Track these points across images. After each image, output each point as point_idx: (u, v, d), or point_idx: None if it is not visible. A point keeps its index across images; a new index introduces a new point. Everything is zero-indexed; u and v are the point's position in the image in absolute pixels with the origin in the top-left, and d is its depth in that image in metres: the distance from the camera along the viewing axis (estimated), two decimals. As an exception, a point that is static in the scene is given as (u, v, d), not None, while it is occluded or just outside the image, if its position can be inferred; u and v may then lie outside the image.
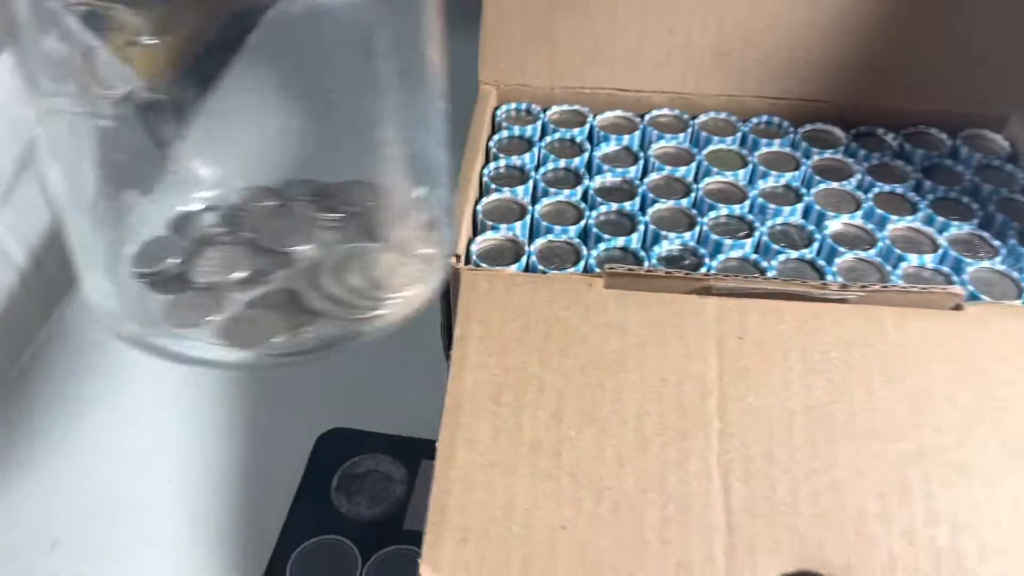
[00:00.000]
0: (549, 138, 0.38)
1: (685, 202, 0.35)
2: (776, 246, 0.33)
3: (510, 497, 0.26)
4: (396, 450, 0.36)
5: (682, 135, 0.38)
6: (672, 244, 0.33)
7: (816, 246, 0.33)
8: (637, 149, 0.38)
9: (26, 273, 0.53)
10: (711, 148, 0.38)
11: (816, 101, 0.40)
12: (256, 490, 0.35)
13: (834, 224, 0.34)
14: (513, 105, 0.40)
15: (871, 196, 0.35)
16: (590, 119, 0.39)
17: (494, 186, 0.35)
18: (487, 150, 0.38)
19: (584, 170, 0.37)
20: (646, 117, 0.39)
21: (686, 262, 0.32)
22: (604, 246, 0.33)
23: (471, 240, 0.33)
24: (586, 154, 0.37)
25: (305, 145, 0.29)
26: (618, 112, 0.39)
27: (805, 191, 0.35)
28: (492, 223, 0.33)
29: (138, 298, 0.25)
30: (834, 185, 0.35)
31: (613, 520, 0.26)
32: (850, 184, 0.35)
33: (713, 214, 0.34)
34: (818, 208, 0.34)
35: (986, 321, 0.29)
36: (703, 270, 0.32)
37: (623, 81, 0.40)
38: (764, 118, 0.39)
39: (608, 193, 0.35)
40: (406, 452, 0.36)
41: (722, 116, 0.39)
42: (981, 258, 0.32)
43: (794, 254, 0.32)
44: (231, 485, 0.35)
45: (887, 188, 0.35)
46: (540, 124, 0.39)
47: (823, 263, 0.32)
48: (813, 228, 0.34)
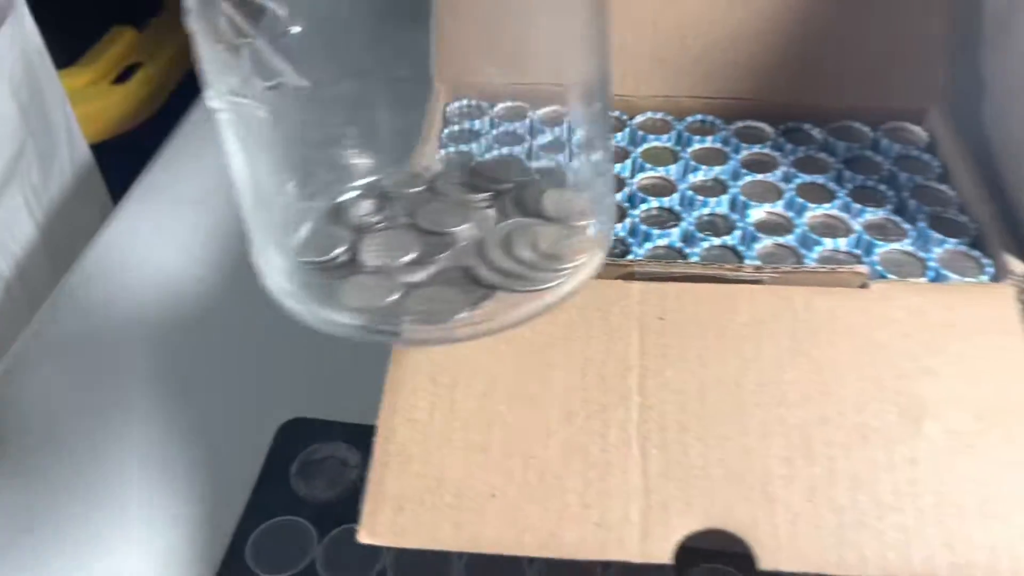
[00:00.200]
0: (495, 131, 0.40)
1: (620, 196, 0.37)
2: (701, 234, 0.35)
3: (444, 469, 0.28)
4: (353, 437, 0.38)
5: (620, 134, 0.40)
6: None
7: (739, 233, 0.35)
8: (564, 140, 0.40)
9: (9, 281, 0.55)
10: (646, 146, 0.40)
11: (748, 100, 0.42)
12: (220, 478, 0.37)
13: (757, 213, 0.36)
14: (464, 101, 0.42)
15: (793, 186, 0.37)
16: (531, 114, 0.41)
17: (439, 184, 0.37)
18: (440, 142, 0.40)
19: (526, 158, 0.39)
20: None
21: (616, 251, 0.35)
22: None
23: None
24: (526, 144, 0.39)
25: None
26: (555, 107, 0.42)
27: (732, 183, 0.37)
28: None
29: (316, 282, 0.27)
30: (759, 177, 0.38)
31: (539, 487, 0.28)
32: (775, 176, 0.38)
33: (644, 207, 0.36)
34: (743, 199, 0.36)
35: (889, 298, 0.31)
36: (629, 257, 0.34)
37: (560, 76, 0.42)
38: (698, 117, 0.41)
39: (547, 189, 0.38)
40: (363, 439, 0.38)
41: (659, 116, 0.41)
42: (891, 240, 0.34)
43: (717, 241, 0.35)
44: (197, 474, 0.37)
45: (809, 179, 0.37)
46: (487, 119, 0.41)
47: (743, 249, 0.34)
48: (737, 217, 0.36)
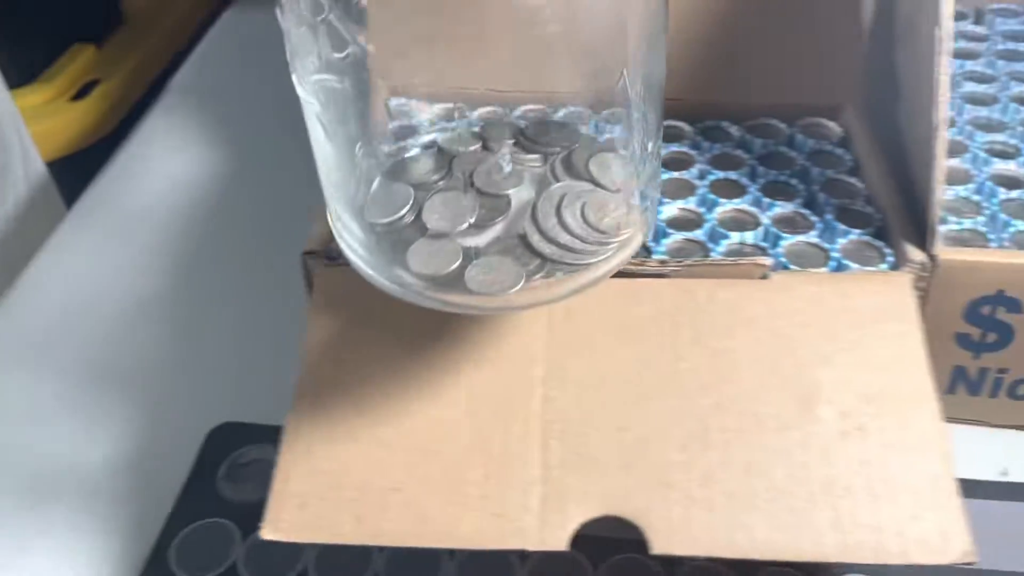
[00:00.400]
0: (426, 138, 0.41)
1: (539, 196, 0.38)
2: (614, 231, 0.36)
3: (348, 465, 0.29)
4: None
5: (544, 136, 0.41)
6: (519, 234, 0.36)
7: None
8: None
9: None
10: (568, 146, 0.40)
11: (670, 100, 0.42)
12: (148, 484, 0.37)
13: (669, 210, 0.36)
14: (403, 99, 0.43)
15: (707, 183, 0.37)
16: (468, 115, 0.42)
17: (361, 189, 0.38)
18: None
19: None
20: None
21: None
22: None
23: (332, 238, 0.35)
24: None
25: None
26: (491, 108, 0.42)
27: (649, 181, 0.38)
28: (354, 222, 0.36)
29: (385, 246, 0.27)
30: (675, 175, 0.38)
31: (440, 480, 0.28)
32: (690, 174, 0.38)
33: (561, 205, 0.37)
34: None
35: (788, 288, 0.32)
36: (541, 255, 0.35)
37: (499, 83, 0.43)
38: (621, 117, 0.42)
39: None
40: (293, 442, 0.38)
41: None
42: (798, 233, 0.35)
43: (628, 237, 0.35)
44: (124, 481, 0.38)
45: (722, 175, 0.38)
46: (425, 119, 0.42)
47: (653, 244, 0.35)
48: (651, 214, 0.36)
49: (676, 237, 0.35)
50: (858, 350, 0.30)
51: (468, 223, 0.26)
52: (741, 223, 0.36)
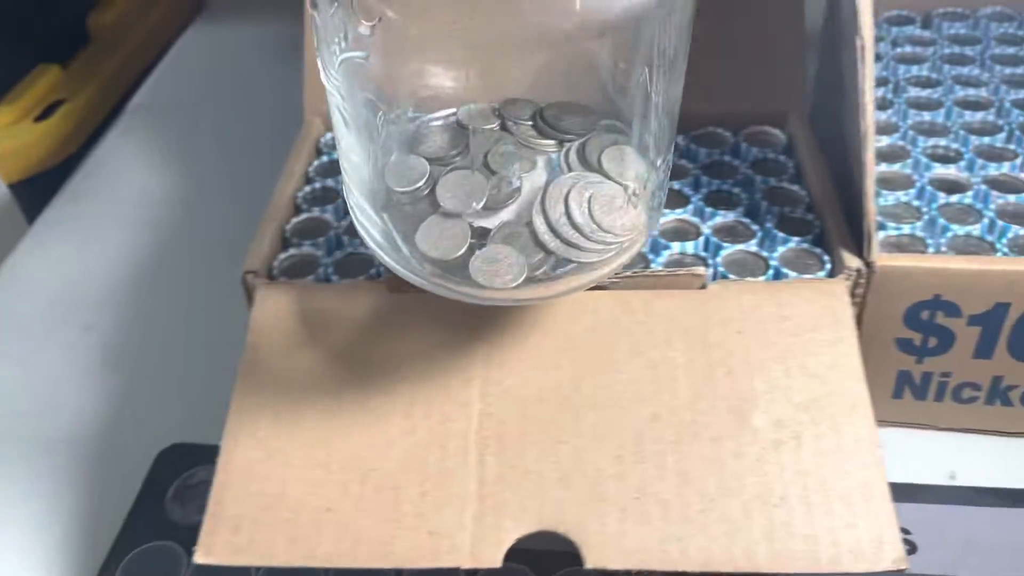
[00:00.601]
0: (366, 160, 0.41)
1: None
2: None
3: (283, 487, 0.29)
4: (233, 460, 0.38)
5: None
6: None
7: (593, 242, 0.36)
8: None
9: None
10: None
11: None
12: (95, 508, 0.37)
13: (612, 221, 0.37)
14: (337, 132, 0.43)
15: (651, 193, 0.38)
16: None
17: (305, 207, 0.38)
18: (306, 175, 0.40)
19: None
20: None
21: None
22: (397, 255, 0.36)
23: (274, 257, 0.35)
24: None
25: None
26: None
27: (594, 193, 0.38)
28: (297, 240, 0.36)
29: (399, 220, 0.27)
30: (620, 185, 0.38)
31: (375, 499, 0.28)
32: (635, 184, 0.38)
33: (505, 219, 0.37)
34: (602, 207, 0.37)
35: (725, 298, 0.32)
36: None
37: (432, 107, 0.43)
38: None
39: (412, 207, 0.38)
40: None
41: (530, 129, 0.42)
42: (738, 242, 0.35)
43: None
44: (71, 506, 0.38)
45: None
46: (360, 148, 0.42)
47: (594, 256, 0.35)
48: (595, 226, 0.36)
49: (617, 249, 0.35)
50: (792, 358, 0.30)
51: (479, 205, 0.26)
52: (682, 233, 0.36)
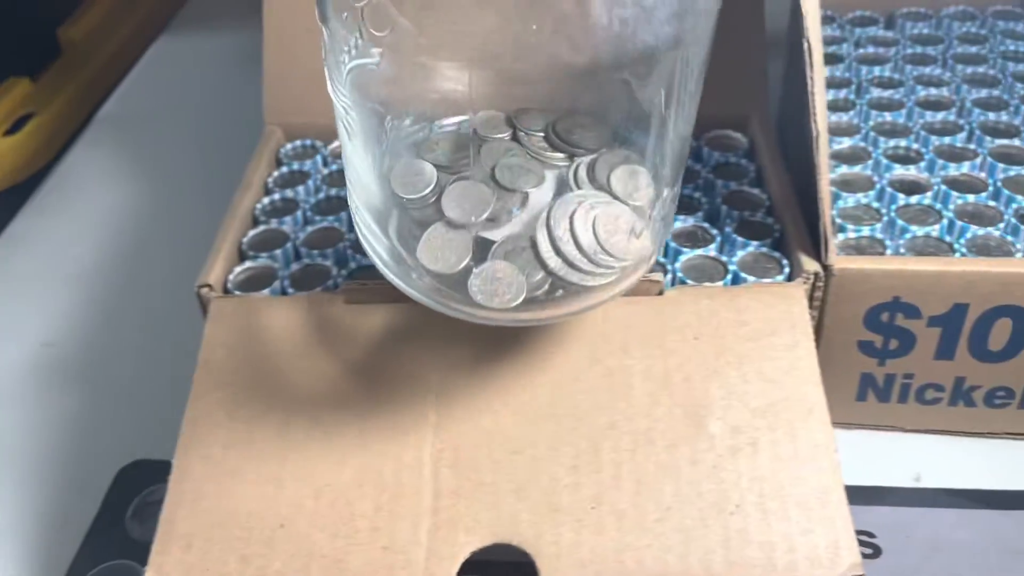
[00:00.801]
0: (327, 170, 0.41)
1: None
2: (515, 252, 0.35)
3: (236, 503, 0.28)
4: (195, 476, 0.38)
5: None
6: (421, 258, 0.36)
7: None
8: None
9: None
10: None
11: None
12: (55, 527, 0.37)
13: (572, 227, 0.36)
14: (298, 142, 0.42)
15: (611, 199, 0.37)
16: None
17: (263, 218, 0.38)
18: (265, 186, 0.40)
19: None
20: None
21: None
22: (355, 264, 0.35)
23: (229, 271, 0.35)
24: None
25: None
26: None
27: (555, 199, 0.38)
28: (254, 253, 0.36)
29: (403, 229, 0.27)
30: (581, 192, 0.38)
31: (329, 514, 0.28)
32: (596, 190, 0.38)
33: (465, 228, 0.37)
34: (562, 214, 0.37)
35: (682, 304, 0.31)
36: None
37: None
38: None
39: (371, 216, 0.38)
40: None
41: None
42: (697, 247, 0.35)
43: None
44: (29, 521, 0.37)
45: (627, 190, 0.38)
46: (321, 157, 0.42)
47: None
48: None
49: (577, 256, 0.35)
50: (750, 363, 0.30)
51: (484, 217, 0.26)
52: (642, 239, 0.36)
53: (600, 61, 0.26)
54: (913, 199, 0.36)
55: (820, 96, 0.31)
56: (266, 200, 0.39)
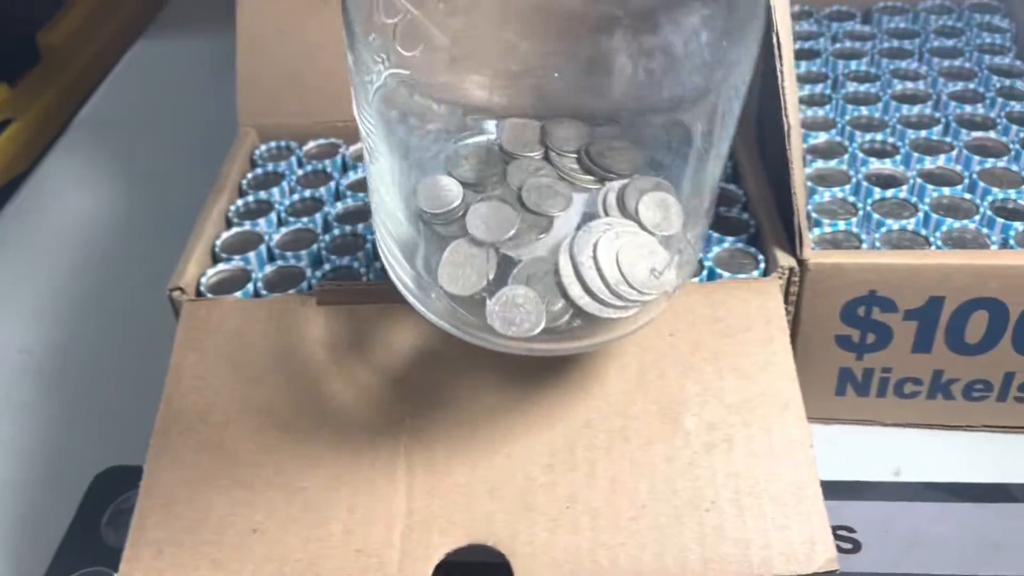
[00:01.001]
0: (302, 171, 0.41)
1: (420, 219, 0.37)
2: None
3: (207, 509, 0.28)
4: (172, 482, 0.37)
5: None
6: (395, 259, 0.35)
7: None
8: (384, 174, 0.40)
9: None
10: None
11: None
12: (29, 531, 0.36)
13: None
14: (272, 143, 0.42)
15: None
16: (343, 149, 0.41)
17: (236, 221, 0.37)
18: (240, 188, 0.40)
19: (330, 198, 0.39)
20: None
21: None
22: (329, 266, 0.35)
23: (202, 273, 0.35)
24: (333, 183, 0.39)
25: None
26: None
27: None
28: (227, 256, 0.35)
29: (428, 244, 0.26)
30: (557, 190, 0.38)
31: (302, 517, 0.28)
32: (572, 187, 0.38)
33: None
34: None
35: (657, 299, 0.31)
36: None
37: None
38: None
39: (346, 217, 0.38)
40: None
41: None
42: (674, 243, 0.35)
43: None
44: (3, 529, 0.37)
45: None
46: (295, 158, 0.41)
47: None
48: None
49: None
50: (725, 359, 0.30)
51: (507, 236, 0.25)
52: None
53: (626, 108, 0.25)
54: (889, 193, 0.36)
55: (791, 90, 0.31)
56: (240, 202, 0.38)
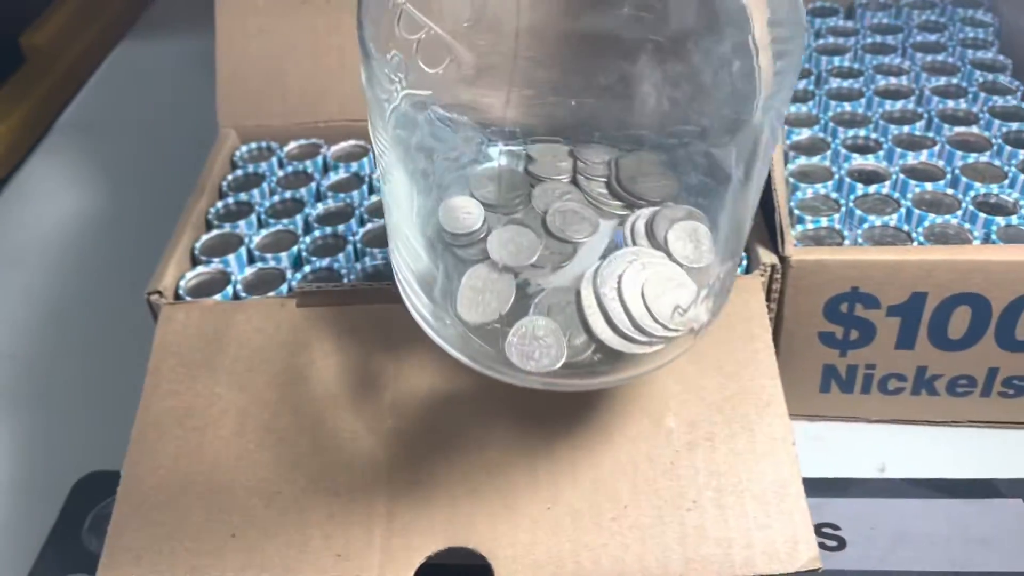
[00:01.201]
0: (282, 172, 0.40)
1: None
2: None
3: (186, 514, 0.28)
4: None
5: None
6: (376, 261, 0.35)
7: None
8: (366, 174, 0.40)
9: None
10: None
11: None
12: (9, 538, 0.36)
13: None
14: (253, 144, 0.42)
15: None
16: (324, 150, 0.41)
17: (216, 223, 0.37)
18: (220, 189, 0.39)
19: (311, 199, 0.39)
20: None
21: (385, 280, 0.34)
22: (310, 268, 0.35)
23: (181, 276, 0.34)
24: (314, 184, 0.39)
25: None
26: (352, 141, 0.42)
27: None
28: (206, 258, 0.35)
29: (449, 267, 0.25)
30: (539, 189, 0.38)
31: (281, 522, 0.27)
32: (555, 186, 0.38)
33: (421, 228, 0.36)
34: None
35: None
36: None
37: (353, 112, 0.42)
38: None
39: (327, 219, 0.37)
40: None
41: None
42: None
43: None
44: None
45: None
46: (276, 159, 0.41)
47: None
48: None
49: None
50: (706, 358, 0.30)
51: (529, 262, 0.24)
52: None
53: (660, 133, 0.25)
54: (871, 188, 0.36)
55: (767, 93, 0.31)
56: (220, 204, 0.38)
